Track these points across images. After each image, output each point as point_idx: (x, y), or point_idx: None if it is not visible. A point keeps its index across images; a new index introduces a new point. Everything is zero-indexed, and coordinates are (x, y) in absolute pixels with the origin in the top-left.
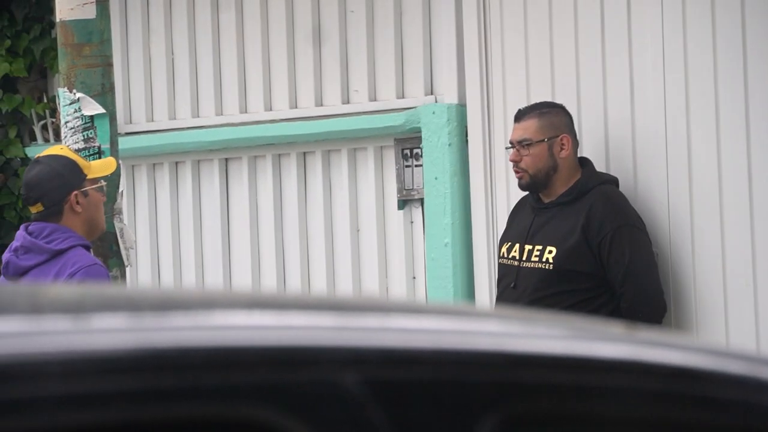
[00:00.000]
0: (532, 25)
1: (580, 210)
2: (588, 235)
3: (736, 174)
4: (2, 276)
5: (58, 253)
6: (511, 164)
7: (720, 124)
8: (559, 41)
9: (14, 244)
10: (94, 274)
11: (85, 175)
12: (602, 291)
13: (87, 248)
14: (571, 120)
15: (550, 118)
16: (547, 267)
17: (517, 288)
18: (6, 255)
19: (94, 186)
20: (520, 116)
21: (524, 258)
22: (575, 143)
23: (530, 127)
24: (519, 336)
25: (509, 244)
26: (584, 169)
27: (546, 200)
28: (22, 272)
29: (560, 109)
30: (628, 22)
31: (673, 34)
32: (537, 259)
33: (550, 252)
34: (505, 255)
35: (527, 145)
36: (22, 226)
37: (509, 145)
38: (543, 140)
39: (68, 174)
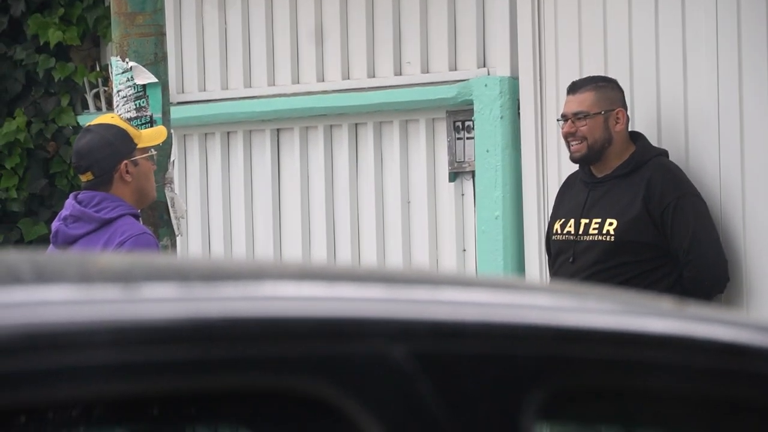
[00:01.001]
0: None
1: (639, 182)
2: (649, 206)
3: None
4: (51, 244)
5: (107, 222)
6: (562, 138)
7: None
8: (612, 14)
9: (63, 212)
10: (143, 243)
11: (136, 144)
12: (664, 262)
13: (136, 217)
14: (623, 95)
15: (606, 92)
16: (608, 239)
17: (576, 262)
18: (55, 224)
19: (144, 155)
20: (575, 88)
21: (581, 232)
22: (627, 118)
23: (586, 99)
24: (568, 310)
25: (562, 220)
26: (638, 142)
27: (599, 175)
28: (71, 241)
29: (614, 83)
30: None
31: (726, 8)
32: (596, 232)
33: (611, 224)
34: (559, 231)
35: (583, 117)
36: (71, 195)
37: (560, 118)
38: (600, 113)
39: (118, 143)
